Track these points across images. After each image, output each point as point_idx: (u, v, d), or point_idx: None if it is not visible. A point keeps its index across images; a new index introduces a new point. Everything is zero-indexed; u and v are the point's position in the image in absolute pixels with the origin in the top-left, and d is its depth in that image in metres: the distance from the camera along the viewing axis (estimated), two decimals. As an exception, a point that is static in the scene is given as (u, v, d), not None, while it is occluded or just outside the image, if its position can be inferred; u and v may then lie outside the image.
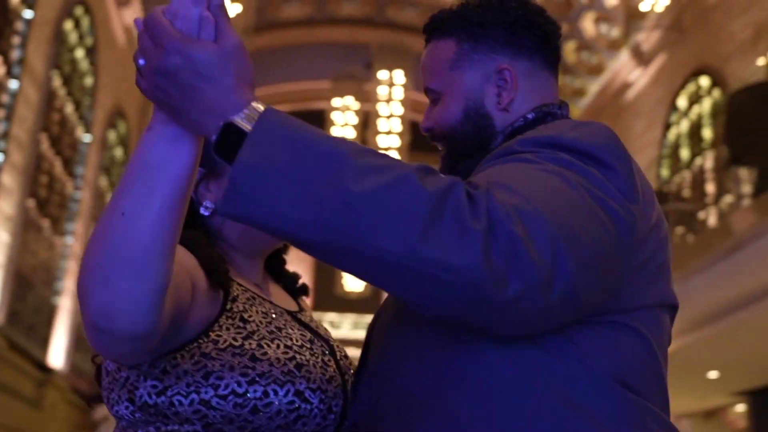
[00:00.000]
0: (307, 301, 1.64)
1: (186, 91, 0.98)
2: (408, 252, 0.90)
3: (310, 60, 18.03)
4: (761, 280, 7.59)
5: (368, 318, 1.47)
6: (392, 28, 16.71)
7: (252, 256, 1.48)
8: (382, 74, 16.22)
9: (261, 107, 0.99)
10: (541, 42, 1.35)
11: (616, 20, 14.36)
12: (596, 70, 15.58)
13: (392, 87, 16.16)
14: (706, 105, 12.63)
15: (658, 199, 1.24)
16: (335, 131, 16.88)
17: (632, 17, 13.67)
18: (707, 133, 12.54)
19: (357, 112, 17.01)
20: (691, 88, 13.02)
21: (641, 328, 1.16)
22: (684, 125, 13.27)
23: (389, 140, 16.13)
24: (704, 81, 12.63)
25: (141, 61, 0.99)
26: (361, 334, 10.23)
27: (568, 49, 15.70)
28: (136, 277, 1.01)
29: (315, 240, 0.94)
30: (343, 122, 17.04)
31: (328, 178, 0.93)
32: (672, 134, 13.57)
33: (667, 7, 11.01)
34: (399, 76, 16.13)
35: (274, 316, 1.39)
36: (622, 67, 14.81)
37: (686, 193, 12.46)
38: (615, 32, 14.63)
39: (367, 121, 16.75)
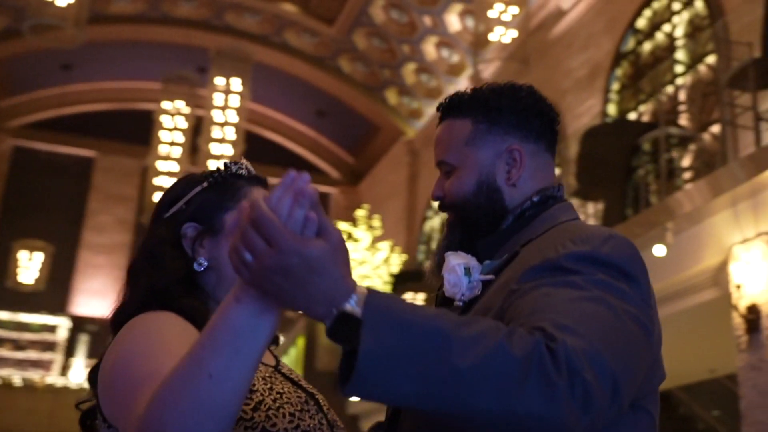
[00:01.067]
0: None
1: (299, 284, 1.04)
2: (505, 411, 1.05)
3: (140, 59, 17.23)
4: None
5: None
6: (231, 33, 16.24)
7: None
8: (219, 81, 15.74)
9: (365, 291, 1.07)
10: (546, 128, 1.54)
11: (458, 46, 14.64)
12: (435, 93, 15.81)
13: (228, 95, 15.71)
14: (540, 136, 13.10)
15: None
16: (164, 135, 16.20)
17: (474, 45, 13.97)
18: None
19: (188, 117, 16.43)
20: (527, 118, 13.46)
21: (650, 407, 1.36)
22: (518, 154, 13.69)
23: (222, 148, 15.66)
24: (541, 113, 13.09)
25: (249, 257, 1.04)
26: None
27: (408, 70, 15.87)
28: (219, 425, 1.08)
29: (428, 407, 1.07)
30: (172, 126, 16.41)
31: (435, 356, 1.05)
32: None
33: (513, 39, 11.31)
34: (236, 84, 15.71)
35: (272, 379, 1.44)
36: (461, 92, 15.12)
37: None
38: (456, 58, 14.91)
39: (198, 127, 16.18)
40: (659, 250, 7.08)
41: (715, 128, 8.85)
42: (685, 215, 6.99)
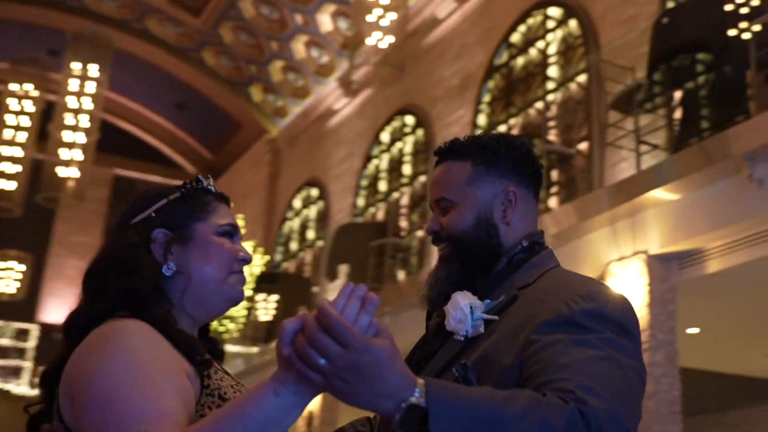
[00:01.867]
0: None
1: (369, 381, 1.14)
2: None
3: (-14, 36, 16.11)
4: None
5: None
6: (89, 16, 15.44)
7: (198, 324, 1.59)
8: (75, 65, 14.90)
9: (423, 382, 1.18)
10: (535, 176, 1.71)
11: (328, 47, 14.50)
12: (301, 93, 15.61)
13: (85, 81, 14.89)
14: (408, 142, 13.16)
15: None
16: (9, 119, 15.22)
17: (345, 47, 13.87)
18: (407, 169, 13.06)
19: (36, 101, 15.48)
20: (395, 124, 13.49)
21: None
22: (385, 159, 13.71)
23: (75, 136, 14.82)
24: (409, 119, 13.16)
25: (322, 361, 1.13)
26: None
27: (275, 68, 15.59)
28: None
29: None
30: (19, 109, 15.42)
31: None
32: (372, 166, 13.95)
33: (390, 44, 11.28)
34: (93, 70, 14.92)
35: (236, 386, 1.52)
36: (329, 94, 14.99)
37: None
38: (325, 58, 14.77)
39: (49, 113, 15.26)
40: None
41: (583, 145, 9.12)
42: (562, 231, 7.14)
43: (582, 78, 9.71)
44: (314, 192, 15.70)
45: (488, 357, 1.47)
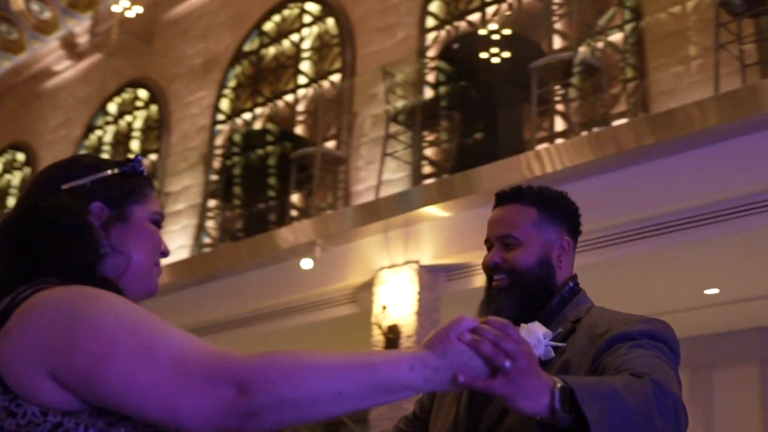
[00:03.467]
0: None
1: (529, 378, 1.30)
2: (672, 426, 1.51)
3: None
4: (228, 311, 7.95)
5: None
6: None
7: None
8: None
9: (554, 377, 1.39)
10: (578, 231, 2.01)
11: (52, 3, 13.39)
12: (14, 47, 14.28)
13: None
14: (139, 117, 12.55)
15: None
16: None
17: (74, 7, 12.92)
18: (135, 144, 12.47)
19: None
20: (126, 96, 12.81)
21: None
22: (110, 131, 12.97)
23: None
24: (143, 93, 12.56)
25: (508, 363, 1.26)
26: None
27: (-15, 16, 14.11)
28: (294, 418, 1.20)
29: None
30: None
31: (622, 408, 1.43)
32: (94, 137, 13.13)
33: (126, 9, 10.67)
34: None
35: None
36: (50, 53, 13.85)
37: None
38: (47, 14, 13.62)
39: None
40: (306, 263, 7.29)
41: (331, 143, 9.31)
42: (332, 235, 7.29)
43: (335, 77, 9.91)
44: (20, 156, 14.44)
45: (565, 374, 1.61)
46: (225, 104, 11.21)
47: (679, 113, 5.49)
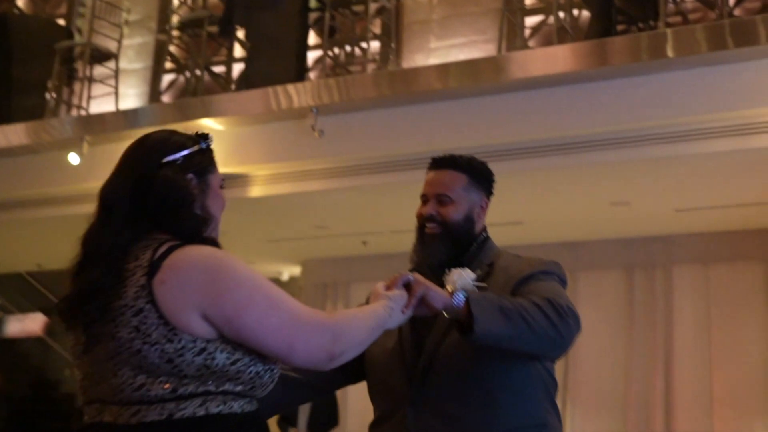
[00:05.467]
0: None
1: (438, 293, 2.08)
2: (554, 335, 2.08)
3: None
4: None
5: None
6: None
7: None
8: None
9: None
10: (492, 192, 2.52)
11: None
12: None
13: None
14: None
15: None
16: None
17: None
18: None
19: None
20: None
21: None
22: None
23: None
24: None
25: (410, 277, 2.09)
26: None
27: None
28: (342, 358, 1.80)
29: (510, 344, 2.09)
30: None
31: (514, 316, 2.04)
32: None
33: None
34: None
35: None
36: None
37: None
38: None
39: None
40: (73, 158, 7.41)
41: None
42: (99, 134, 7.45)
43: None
44: None
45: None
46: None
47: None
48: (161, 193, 1.77)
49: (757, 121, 5.64)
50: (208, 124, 7.04)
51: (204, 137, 1.90)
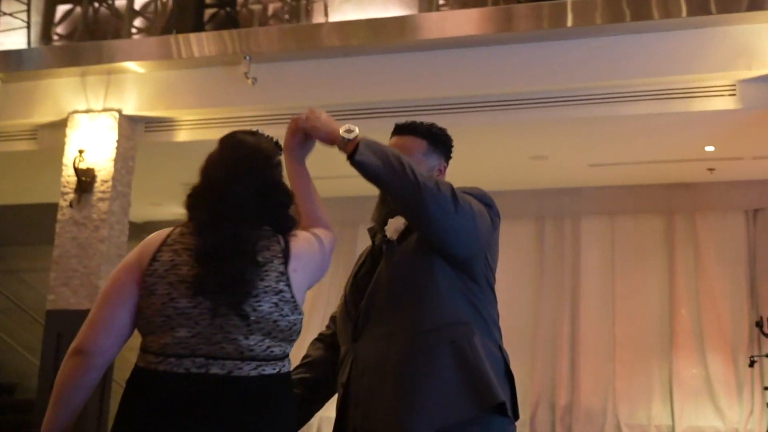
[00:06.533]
0: None
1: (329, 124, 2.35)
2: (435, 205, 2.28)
3: None
4: None
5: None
6: None
7: None
8: None
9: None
10: (450, 157, 2.70)
11: None
12: None
13: None
14: None
15: None
16: None
17: None
18: None
19: None
20: None
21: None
22: None
23: None
24: None
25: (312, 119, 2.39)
26: None
27: None
28: None
29: (387, 180, 2.26)
30: None
31: (400, 168, 2.25)
32: None
33: None
34: None
35: None
36: None
37: None
38: None
39: None
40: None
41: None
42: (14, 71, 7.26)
43: None
44: None
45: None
46: None
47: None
48: (281, 195, 2.25)
49: (670, 88, 6.01)
50: (130, 66, 6.96)
51: (278, 144, 2.38)
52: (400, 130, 2.64)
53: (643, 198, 8.41)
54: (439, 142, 2.63)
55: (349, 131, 2.26)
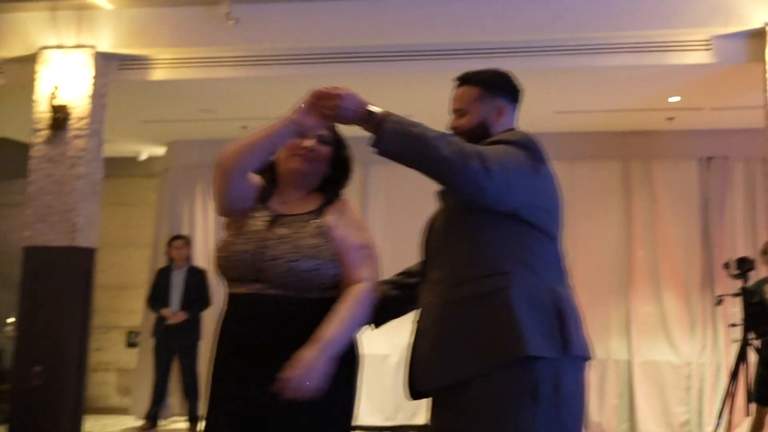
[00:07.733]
0: None
1: (357, 101, 2.44)
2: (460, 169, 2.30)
3: None
4: None
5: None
6: None
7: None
8: None
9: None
10: (515, 96, 2.76)
11: None
12: None
13: None
14: None
15: None
16: None
17: None
18: None
19: None
20: None
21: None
22: None
23: None
24: None
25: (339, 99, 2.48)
26: None
27: None
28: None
29: (414, 161, 2.34)
30: None
31: (423, 143, 2.31)
32: None
33: None
34: None
35: None
36: None
37: None
38: None
39: None
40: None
41: None
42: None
43: None
44: None
45: None
46: None
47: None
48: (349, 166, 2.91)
49: (648, 41, 6.27)
50: (97, 2, 6.85)
51: None
52: (458, 81, 2.75)
53: (600, 144, 8.69)
54: (494, 86, 2.69)
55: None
